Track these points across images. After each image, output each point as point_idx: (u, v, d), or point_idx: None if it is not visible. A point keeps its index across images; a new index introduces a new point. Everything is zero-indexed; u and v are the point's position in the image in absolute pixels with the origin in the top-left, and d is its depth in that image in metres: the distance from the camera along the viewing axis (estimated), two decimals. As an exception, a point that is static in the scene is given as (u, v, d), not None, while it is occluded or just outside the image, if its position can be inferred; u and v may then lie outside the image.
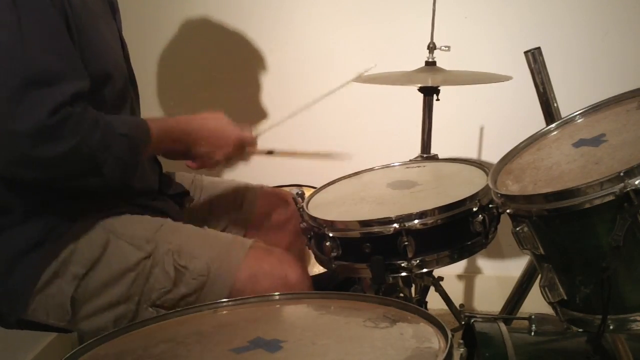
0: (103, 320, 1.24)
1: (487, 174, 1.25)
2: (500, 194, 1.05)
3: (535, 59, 1.57)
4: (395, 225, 1.19)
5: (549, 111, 1.61)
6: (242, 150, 1.41)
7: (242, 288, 1.25)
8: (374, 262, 1.22)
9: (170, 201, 1.45)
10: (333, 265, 1.28)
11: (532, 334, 1.26)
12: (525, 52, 1.58)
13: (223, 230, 1.52)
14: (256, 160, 2.29)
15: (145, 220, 1.31)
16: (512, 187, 1.09)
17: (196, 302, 1.23)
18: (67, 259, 1.22)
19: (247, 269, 1.27)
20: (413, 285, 1.52)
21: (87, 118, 1.13)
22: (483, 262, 2.35)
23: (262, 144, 1.78)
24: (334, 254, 1.26)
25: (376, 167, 1.59)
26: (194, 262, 1.26)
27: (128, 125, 1.22)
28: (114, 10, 1.39)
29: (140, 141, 1.23)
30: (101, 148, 1.14)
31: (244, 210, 1.58)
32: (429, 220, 1.21)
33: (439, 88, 1.71)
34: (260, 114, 2.28)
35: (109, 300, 1.24)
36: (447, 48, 1.70)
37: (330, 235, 1.25)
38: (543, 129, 1.24)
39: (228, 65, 2.29)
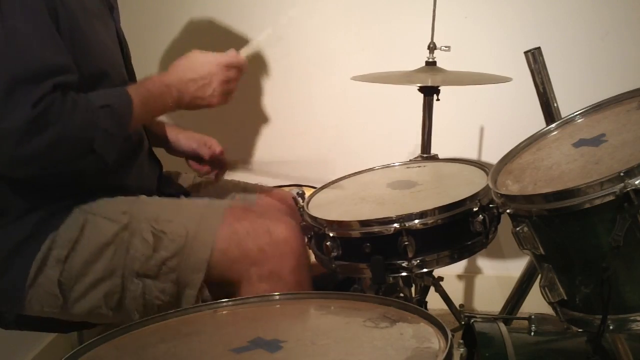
0: (93, 299, 1.24)
1: (487, 174, 1.25)
2: (501, 194, 1.05)
3: (535, 59, 1.57)
4: (396, 225, 1.20)
5: (549, 111, 1.61)
6: (236, 71, 1.34)
7: (225, 247, 1.25)
8: (374, 262, 1.22)
9: (169, 200, 1.45)
10: (333, 265, 1.28)
11: (532, 334, 1.26)
12: (525, 52, 1.58)
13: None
14: (256, 161, 2.32)
15: (121, 197, 1.30)
16: (512, 187, 1.09)
17: (180, 266, 1.23)
18: (50, 246, 1.23)
19: (226, 227, 1.26)
20: (413, 285, 1.53)
21: (66, 101, 1.12)
22: (483, 262, 2.35)
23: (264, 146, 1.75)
24: (334, 254, 1.26)
25: (376, 167, 1.59)
26: (171, 226, 1.25)
27: (108, 97, 1.20)
28: (111, 7, 1.39)
29: (124, 108, 1.21)
30: (86, 127, 1.14)
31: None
32: (429, 220, 1.21)
33: (439, 88, 1.71)
34: (260, 114, 2.28)
35: (94, 278, 1.24)
36: (447, 48, 1.70)
37: (331, 235, 1.25)
38: (543, 129, 1.24)
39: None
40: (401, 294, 1.46)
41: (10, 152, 1.08)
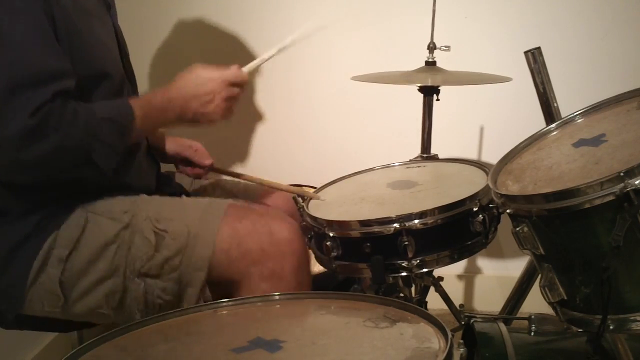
0: (95, 298, 1.25)
1: (487, 174, 1.25)
2: (501, 194, 1.05)
3: (535, 59, 1.57)
4: (396, 225, 1.19)
5: (549, 111, 1.61)
6: (238, 87, 1.34)
7: (226, 247, 1.25)
8: (374, 262, 1.22)
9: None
10: (333, 265, 1.28)
11: (532, 334, 1.26)
12: (525, 52, 1.58)
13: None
14: (256, 161, 2.32)
15: (122, 197, 1.30)
16: (512, 187, 1.09)
17: (181, 265, 1.24)
18: (51, 245, 1.23)
19: (227, 226, 1.27)
20: (413, 285, 1.52)
21: (67, 110, 1.13)
22: (483, 262, 2.35)
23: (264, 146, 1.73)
24: (334, 254, 1.26)
25: (376, 167, 1.59)
26: (173, 224, 1.25)
27: (109, 108, 1.21)
28: (109, 5, 1.39)
29: (125, 121, 1.22)
30: (86, 137, 1.15)
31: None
32: (429, 220, 1.21)
33: (439, 88, 1.71)
34: (260, 114, 2.28)
35: (95, 277, 1.24)
36: (447, 48, 1.70)
37: (331, 235, 1.25)
38: (543, 129, 1.24)
39: (227, 65, 2.28)
40: (401, 294, 1.46)
41: (10, 158, 1.09)
